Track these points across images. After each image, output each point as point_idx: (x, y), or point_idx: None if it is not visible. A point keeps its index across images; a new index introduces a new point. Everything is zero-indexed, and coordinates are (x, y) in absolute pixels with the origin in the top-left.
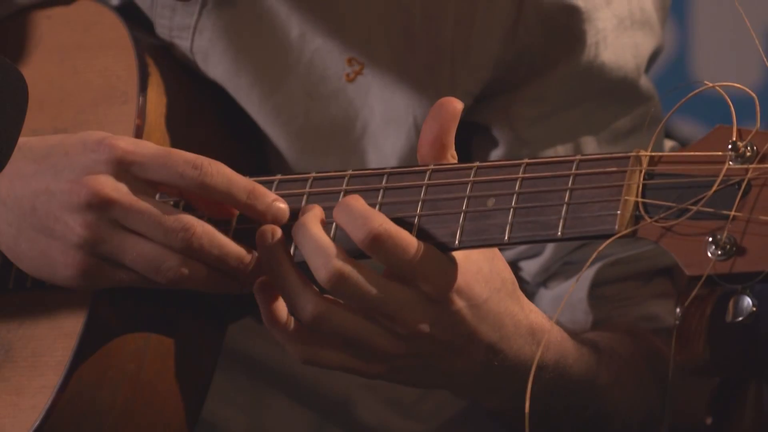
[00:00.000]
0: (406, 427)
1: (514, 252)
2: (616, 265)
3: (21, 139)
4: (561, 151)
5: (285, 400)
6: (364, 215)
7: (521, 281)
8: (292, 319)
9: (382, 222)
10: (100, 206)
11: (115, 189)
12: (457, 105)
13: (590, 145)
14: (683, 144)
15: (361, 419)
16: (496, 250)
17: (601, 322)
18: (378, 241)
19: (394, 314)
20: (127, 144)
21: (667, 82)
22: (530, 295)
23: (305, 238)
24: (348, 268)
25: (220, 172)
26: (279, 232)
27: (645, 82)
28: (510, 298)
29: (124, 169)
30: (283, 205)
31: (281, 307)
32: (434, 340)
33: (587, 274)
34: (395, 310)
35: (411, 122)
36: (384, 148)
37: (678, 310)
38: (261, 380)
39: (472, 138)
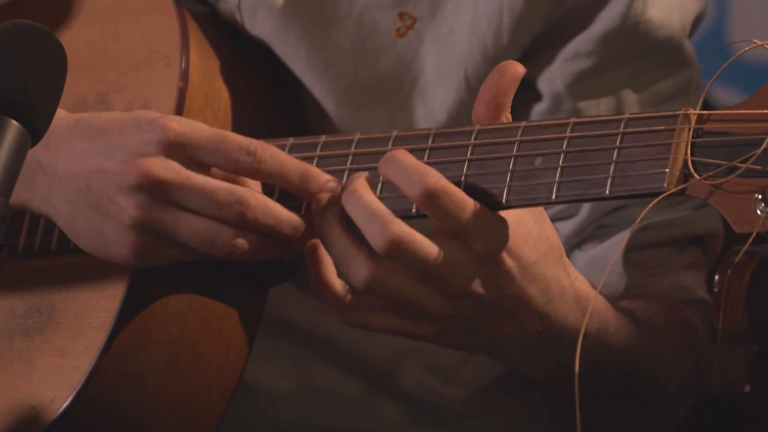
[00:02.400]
0: (445, 392)
1: (548, 213)
2: (650, 229)
3: (78, 115)
4: (603, 109)
5: (325, 365)
6: (420, 171)
7: None
8: (341, 282)
9: (438, 178)
10: (151, 187)
11: (166, 169)
12: (519, 69)
13: (632, 107)
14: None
15: (401, 383)
16: (545, 214)
17: (633, 288)
18: (435, 198)
19: (446, 276)
20: (180, 125)
21: (704, 51)
22: None
23: (358, 206)
24: (406, 234)
25: (273, 156)
26: (334, 201)
27: (688, 46)
28: (557, 263)
29: (176, 150)
30: (335, 185)
31: (331, 270)
32: (483, 301)
33: (622, 236)
34: (448, 272)
35: (462, 77)
36: (433, 103)
37: (717, 277)
38: (301, 345)
39: (516, 91)
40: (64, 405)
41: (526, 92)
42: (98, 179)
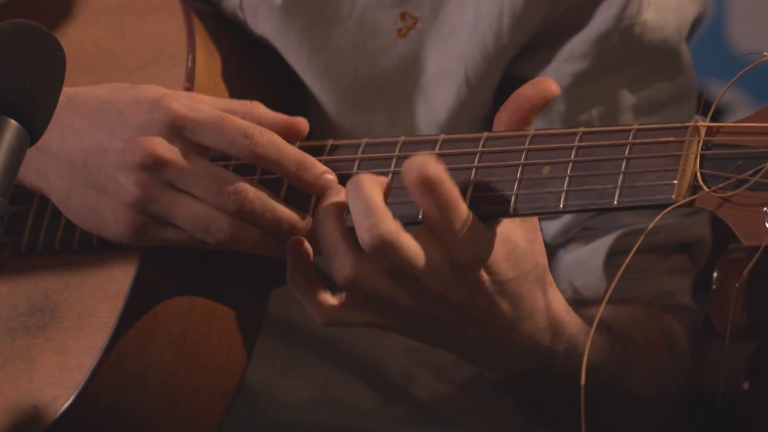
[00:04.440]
0: (444, 391)
1: None
2: (635, 234)
3: (71, 90)
4: (595, 114)
5: (327, 366)
6: (425, 159)
7: None
8: (318, 281)
9: (439, 169)
10: (154, 167)
11: (169, 150)
12: (554, 87)
13: (627, 114)
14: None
15: (396, 381)
16: (539, 233)
17: (616, 291)
18: (429, 184)
19: (421, 277)
20: (182, 107)
21: (702, 52)
22: (549, 256)
23: (357, 196)
24: (393, 234)
25: (270, 142)
26: (341, 191)
27: (685, 50)
28: (536, 283)
29: (177, 131)
30: (332, 177)
31: (309, 269)
32: (450, 304)
33: (606, 240)
34: (423, 272)
35: (462, 77)
36: (434, 103)
37: (715, 274)
38: (300, 346)
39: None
40: (66, 404)
41: None
42: (97, 156)
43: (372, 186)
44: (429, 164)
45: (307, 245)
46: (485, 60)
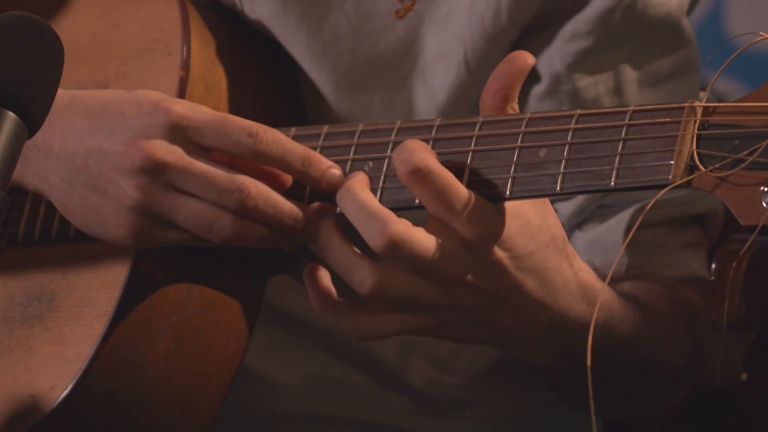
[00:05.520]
0: (445, 381)
1: None
2: (651, 209)
3: (73, 92)
4: (602, 89)
5: (323, 355)
6: (410, 149)
7: None
8: (344, 301)
9: (425, 156)
10: (154, 170)
11: (169, 152)
12: (529, 59)
13: (631, 86)
14: (719, 98)
15: (396, 373)
16: (548, 204)
17: (634, 268)
18: (419, 173)
19: (442, 267)
20: (183, 108)
21: (701, 41)
22: None
23: (355, 205)
24: (404, 233)
25: (275, 140)
26: (329, 209)
27: (687, 24)
28: (558, 254)
29: (178, 133)
30: (337, 171)
31: (330, 288)
32: (477, 290)
33: (622, 217)
34: (443, 263)
35: (461, 57)
36: (432, 84)
37: (714, 265)
38: (299, 336)
39: None
40: (64, 393)
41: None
42: (98, 159)
43: (361, 190)
44: (415, 154)
45: (323, 270)
46: (484, 41)
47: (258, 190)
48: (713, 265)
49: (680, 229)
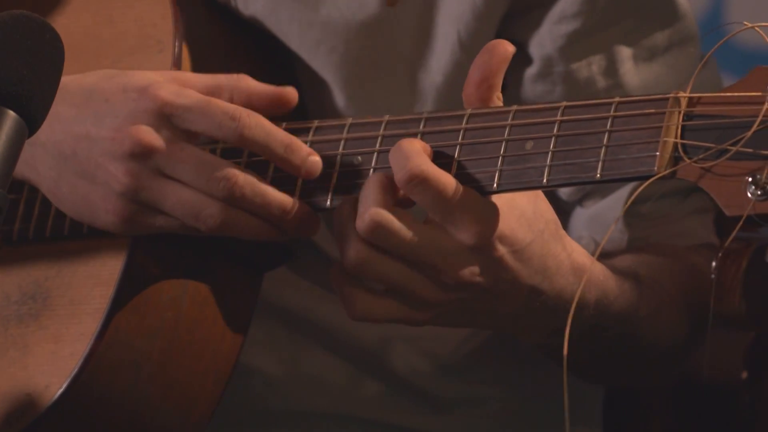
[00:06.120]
0: (438, 379)
1: None
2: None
3: None
4: (595, 69)
5: (320, 350)
6: (406, 155)
7: (557, 200)
8: (349, 277)
9: (420, 162)
10: (143, 155)
11: (157, 138)
12: (509, 48)
13: (626, 63)
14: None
15: (395, 369)
16: (539, 191)
17: (636, 240)
18: (414, 181)
19: (436, 263)
20: (168, 93)
21: (701, 34)
22: (566, 214)
23: (368, 186)
24: (384, 216)
25: (258, 124)
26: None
27: None
28: (553, 238)
29: (164, 118)
30: (317, 159)
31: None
32: (478, 287)
33: (623, 192)
34: (438, 259)
35: (455, 38)
36: (430, 68)
37: (714, 263)
38: (297, 331)
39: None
40: (59, 392)
41: (516, 56)
42: (85, 146)
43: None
44: (410, 160)
45: None
46: (476, 19)
47: (246, 179)
48: (714, 264)
49: (684, 197)
